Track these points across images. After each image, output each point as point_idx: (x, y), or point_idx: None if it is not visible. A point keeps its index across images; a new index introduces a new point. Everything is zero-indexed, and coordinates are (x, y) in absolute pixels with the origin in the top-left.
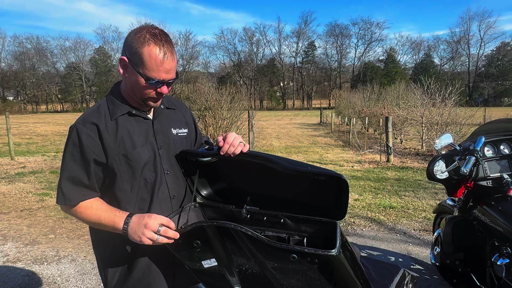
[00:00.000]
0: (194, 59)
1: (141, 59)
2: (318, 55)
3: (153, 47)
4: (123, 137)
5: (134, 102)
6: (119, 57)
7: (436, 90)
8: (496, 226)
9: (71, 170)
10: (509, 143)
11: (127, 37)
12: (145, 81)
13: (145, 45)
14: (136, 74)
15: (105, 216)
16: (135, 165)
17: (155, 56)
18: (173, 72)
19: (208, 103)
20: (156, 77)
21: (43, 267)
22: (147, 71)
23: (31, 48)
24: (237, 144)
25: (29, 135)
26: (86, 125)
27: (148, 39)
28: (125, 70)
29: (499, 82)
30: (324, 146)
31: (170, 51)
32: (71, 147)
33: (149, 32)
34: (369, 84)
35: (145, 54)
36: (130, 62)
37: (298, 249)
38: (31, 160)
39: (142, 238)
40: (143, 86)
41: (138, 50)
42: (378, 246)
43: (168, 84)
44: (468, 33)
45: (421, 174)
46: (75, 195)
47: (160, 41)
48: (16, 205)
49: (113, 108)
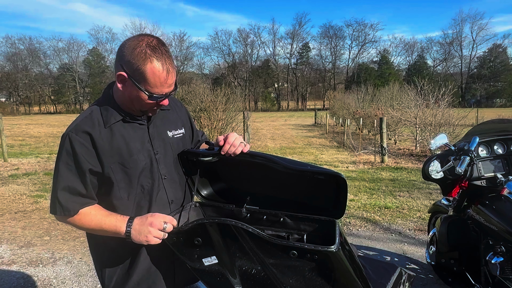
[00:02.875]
0: (189, 60)
1: (143, 76)
2: (312, 56)
3: (156, 64)
4: (119, 144)
5: (129, 109)
6: (117, 72)
7: (430, 91)
8: (490, 225)
9: (67, 180)
10: (503, 143)
11: (123, 49)
12: (148, 97)
13: (147, 62)
14: (137, 90)
15: (106, 221)
16: (132, 173)
17: (159, 74)
18: (174, 84)
19: (203, 104)
20: (160, 92)
21: (38, 270)
22: (150, 87)
23: (24, 49)
24: (237, 145)
25: (22, 136)
26: (79, 134)
27: (150, 55)
28: (123, 85)
29: (491, 83)
30: (319, 147)
31: (171, 65)
32: (65, 156)
33: (149, 47)
34: (363, 85)
35: (148, 71)
36: (131, 78)
37: (298, 245)
38: (25, 162)
39: (149, 237)
40: (145, 102)
41: (140, 67)
42: (374, 246)
43: (169, 96)
44: (461, 34)
45: (415, 174)
46: (73, 204)
47: (161, 56)
48: (10, 207)
49: (106, 115)
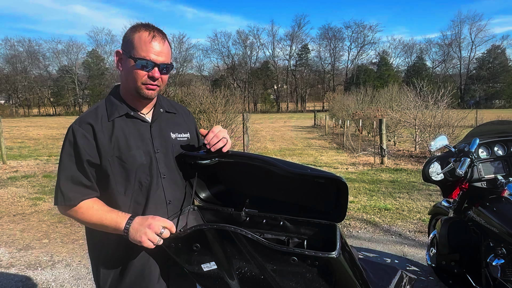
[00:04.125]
0: (188, 62)
1: (131, 43)
2: (312, 58)
3: (143, 32)
4: (118, 138)
5: (132, 101)
6: (115, 50)
7: (429, 93)
8: (491, 227)
9: (70, 170)
10: (503, 144)
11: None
12: (134, 62)
13: (136, 31)
14: (128, 60)
15: (107, 217)
16: (129, 168)
17: (144, 38)
18: (164, 56)
19: (203, 106)
20: (145, 56)
21: (37, 273)
22: (136, 52)
23: (23, 51)
24: (220, 136)
25: (21, 139)
26: (82, 126)
27: (140, 26)
28: (120, 63)
29: (490, 84)
30: (318, 149)
31: (160, 35)
32: (68, 147)
33: (141, 23)
34: (362, 87)
35: (135, 38)
36: (124, 52)
37: (298, 251)
38: (24, 164)
39: (143, 238)
40: (135, 71)
41: (129, 36)
42: (374, 247)
43: (160, 68)
44: (460, 36)
45: (415, 175)
46: (75, 194)
47: (150, 27)
48: (8, 209)
49: (111, 109)
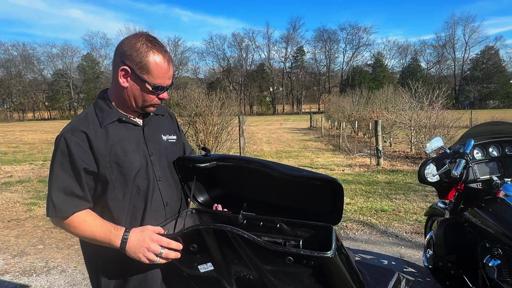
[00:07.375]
0: (184, 65)
1: (147, 68)
2: (307, 60)
3: (158, 55)
4: (114, 144)
5: (125, 109)
6: (121, 67)
7: (424, 94)
8: (487, 227)
9: (62, 181)
10: (498, 145)
11: (122, 46)
12: (152, 88)
13: (149, 54)
14: (141, 82)
15: (100, 232)
16: (127, 173)
17: (161, 64)
18: (172, 77)
19: (198, 109)
20: (162, 84)
21: (32, 279)
22: (153, 79)
23: (17, 55)
24: None
25: (15, 143)
26: (75, 134)
27: (151, 48)
28: (126, 80)
29: (484, 85)
30: (314, 151)
31: (170, 58)
32: (60, 157)
33: (148, 41)
34: (357, 88)
35: (151, 63)
36: (134, 72)
37: (294, 251)
38: (18, 169)
39: (142, 259)
40: (147, 95)
41: (144, 59)
42: (371, 249)
43: (167, 90)
44: (453, 37)
45: (411, 177)
46: (67, 206)
47: (161, 48)
48: (3, 215)
49: (102, 116)
